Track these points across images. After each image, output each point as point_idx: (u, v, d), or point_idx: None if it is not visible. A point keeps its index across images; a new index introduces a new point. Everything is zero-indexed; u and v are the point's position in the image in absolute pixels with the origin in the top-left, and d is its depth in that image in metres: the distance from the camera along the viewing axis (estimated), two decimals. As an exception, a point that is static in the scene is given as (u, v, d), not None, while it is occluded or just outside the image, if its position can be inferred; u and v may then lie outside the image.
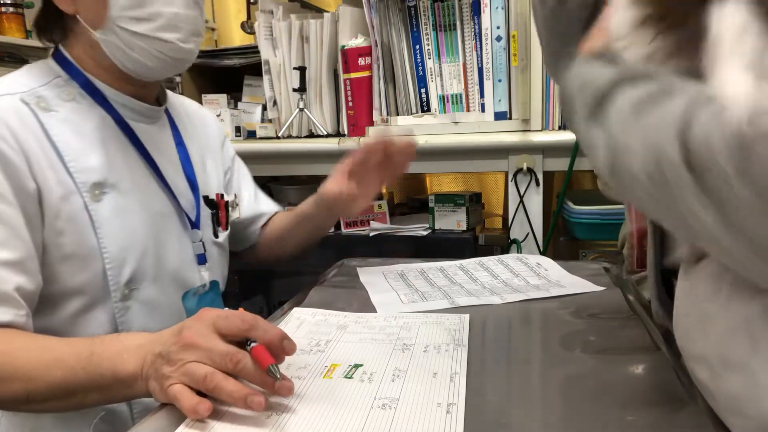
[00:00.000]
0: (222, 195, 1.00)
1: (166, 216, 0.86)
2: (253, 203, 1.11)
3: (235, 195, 1.07)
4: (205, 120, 1.06)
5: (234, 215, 1.05)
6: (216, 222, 0.97)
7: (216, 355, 0.53)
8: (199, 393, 0.53)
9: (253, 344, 0.54)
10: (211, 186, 0.99)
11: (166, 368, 0.54)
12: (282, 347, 0.55)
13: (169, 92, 0.99)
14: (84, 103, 0.81)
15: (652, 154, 0.37)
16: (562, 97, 0.50)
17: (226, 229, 1.00)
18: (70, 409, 0.65)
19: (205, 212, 0.95)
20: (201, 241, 0.91)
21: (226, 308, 0.64)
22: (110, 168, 0.79)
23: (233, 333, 0.55)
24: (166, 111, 0.94)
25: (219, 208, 0.98)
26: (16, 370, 0.62)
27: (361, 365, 0.61)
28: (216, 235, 0.96)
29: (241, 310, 0.61)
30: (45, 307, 0.74)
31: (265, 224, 1.12)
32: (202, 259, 0.91)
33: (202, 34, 0.86)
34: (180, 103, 1.01)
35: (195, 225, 0.91)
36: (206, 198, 0.96)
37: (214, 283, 0.94)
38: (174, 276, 0.86)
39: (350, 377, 0.58)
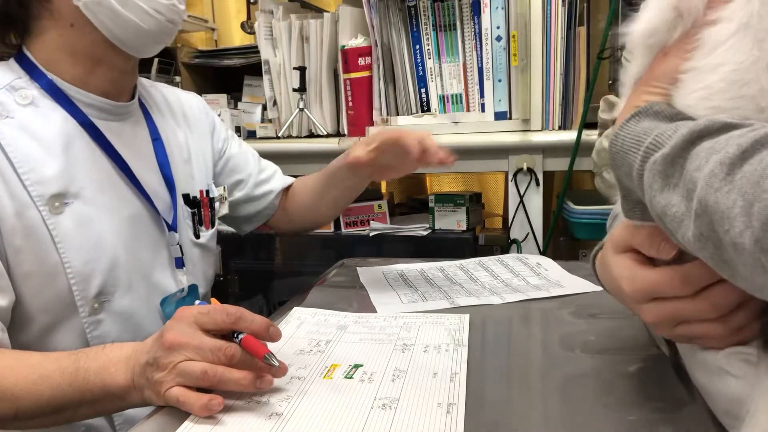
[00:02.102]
0: (207, 191, 0.95)
1: (138, 220, 0.82)
2: (254, 184, 1.06)
3: (225, 188, 1.01)
4: (189, 107, 0.99)
5: (222, 211, 0.99)
6: (198, 221, 0.92)
7: (207, 351, 0.53)
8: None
9: (240, 336, 0.55)
10: (195, 182, 0.93)
11: (158, 374, 0.54)
12: (269, 335, 0.56)
13: (146, 82, 0.93)
14: (44, 106, 0.76)
15: None
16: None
17: (211, 227, 0.95)
18: (61, 423, 0.63)
19: (185, 212, 0.90)
20: (178, 244, 0.86)
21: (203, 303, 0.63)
22: (73, 176, 0.74)
23: (219, 327, 0.56)
24: (141, 104, 0.89)
25: (202, 206, 0.93)
26: (3, 390, 0.60)
27: (362, 365, 0.61)
28: (197, 236, 0.92)
29: (213, 300, 0.62)
30: (11, 325, 0.71)
31: (284, 197, 1.09)
32: (179, 263, 0.87)
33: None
34: (159, 93, 0.95)
35: (171, 227, 0.86)
36: (187, 197, 0.91)
37: (192, 287, 0.89)
38: (149, 283, 0.82)
39: (350, 377, 0.58)
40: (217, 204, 0.98)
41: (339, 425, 0.49)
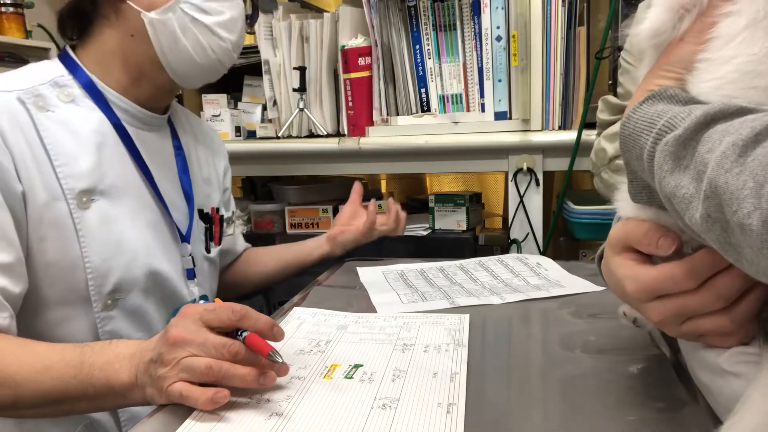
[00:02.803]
0: (218, 209, 0.99)
1: (156, 227, 0.84)
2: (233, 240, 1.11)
3: (233, 212, 1.06)
4: (213, 140, 1.05)
5: (229, 231, 1.04)
6: (209, 237, 0.95)
7: (211, 347, 0.54)
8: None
9: (245, 333, 0.55)
10: (209, 199, 0.97)
11: (161, 370, 0.54)
12: (272, 334, 0.57)
13: (175, 104, 0.97)
14: (84, 105, 0.79)
15: None
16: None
17: (219, 244, 0.99)
18: (57, 416, 0.64)
19: (199, 226, 0.93)
20: (191, 255, 0.89)
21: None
22: (102, 174, 0.77)
23: (224, 325, 0.56)
24: (169, 120, 0.92)
25: (213, 222, 0.96)
26: (5, 376, 0.60)
27: (362, 365, 0.61)
28: (208, 250, 0.95)
29: (217, 300, 0.62)
30: (25, 311, 0.72)
31: (235, 259, 1.14)
32: (191, 274, 0.89)
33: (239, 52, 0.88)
34: (185, 115, 1.00)
35: (185, 239, 0.89)
36: (201, 212, 0.94)
37: (203, 298, 0.92)
38: (162, 288, 0.84)
39: (350, 377, 0.58)
40: (224, 224, 1.02)
41: (339, 425, 0.49)
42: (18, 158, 0.70)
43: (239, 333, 0.56)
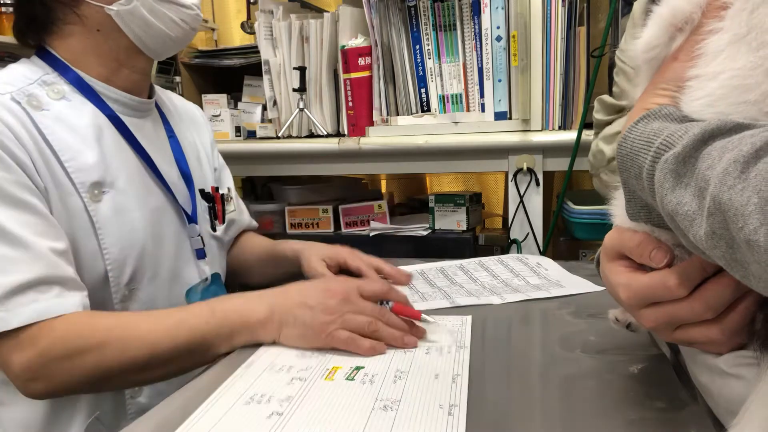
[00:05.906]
0: (217, 188, 1.00)
1: (162, 212, 0.85)
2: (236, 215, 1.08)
3: (228, 188, 1.06)
4: (195, 116, 1.04)
5: (230, 208, 1.04)
6: (213, 215, 0.96)
7: (369, 312, 0.66)
8: None
9: (390, 303, 0.69)
10: (206, 179, 0.98)
11: (326, 316, 0.64)
12: (410, 305, 0.72)
13: (155, 86, 0.97)
14: (75, 100, 0.79)
15: None
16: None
17: (224, 222, 0.99)
18: (181, 373, 0.68)
19: (202, 206, 0.94)
20: (199, 235, 0.90)
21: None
22: (106, 166, 0.77)
23: (376, 296, 0.69)
24: (156, 105, 0.93)
25: (215, 201, 0.97)
26: (141, 338, 0.65)
27: (363, 367, 0.61)
28: (214, 229, 0.96)
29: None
30: None
31: (237, 237, 1.10)
32: (201, 254, 0.90)
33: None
34: (167, 97, 1.00)
35: (192, 219, 0.90)
36: (202, 191, 0.95)
37: (215, 276, 0.93)
38: (172, 273, 0.85)
39: (352, 379, 0.59)
40: (225, 201, 1.02)
41: (340, 426, 0.49)
42: (32, 155, 0.71)
43: (386, 302, 0.69)
